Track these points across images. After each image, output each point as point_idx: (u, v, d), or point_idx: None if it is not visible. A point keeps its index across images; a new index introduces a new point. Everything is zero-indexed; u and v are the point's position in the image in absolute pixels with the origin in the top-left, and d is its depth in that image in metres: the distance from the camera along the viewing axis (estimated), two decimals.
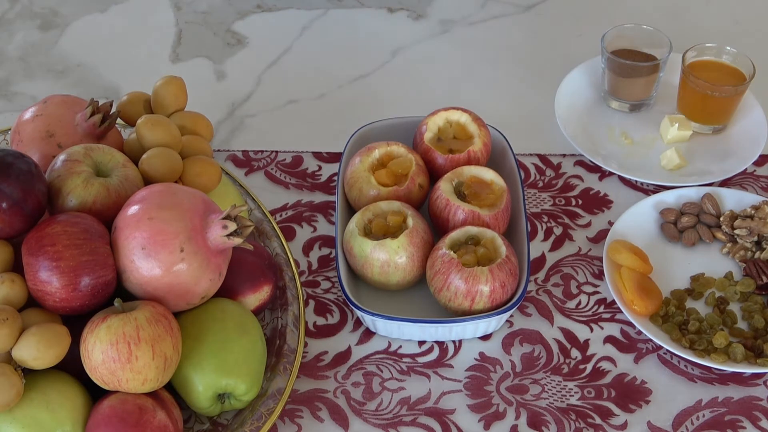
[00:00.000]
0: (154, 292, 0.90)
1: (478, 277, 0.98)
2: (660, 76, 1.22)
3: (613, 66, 1.22)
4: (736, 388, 0.99)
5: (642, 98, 1.24)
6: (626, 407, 0.98)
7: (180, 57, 1.34)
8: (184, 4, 1.42)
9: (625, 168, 1.17)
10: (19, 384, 0.85)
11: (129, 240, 0.89)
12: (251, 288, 0.98)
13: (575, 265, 1.10)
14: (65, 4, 1.42)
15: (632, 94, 1.24)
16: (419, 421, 0.97)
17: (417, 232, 1.02)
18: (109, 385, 0.87)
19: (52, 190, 0.93)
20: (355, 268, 1.04)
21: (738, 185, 1.18)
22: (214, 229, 0.90)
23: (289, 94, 1.29)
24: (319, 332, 1.04)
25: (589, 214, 1.15)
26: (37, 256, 0.87)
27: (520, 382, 1.00)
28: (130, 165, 0.97)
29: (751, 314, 1.04)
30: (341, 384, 1.00)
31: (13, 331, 0.85)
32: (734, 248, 1.09)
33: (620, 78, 1.22)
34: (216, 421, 0.96)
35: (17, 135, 1.02)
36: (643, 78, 1.22)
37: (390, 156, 1.09)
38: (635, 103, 1.25)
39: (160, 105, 1.06)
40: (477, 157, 1.09)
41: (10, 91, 1.30)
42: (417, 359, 1.02)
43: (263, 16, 1.41)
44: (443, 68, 1.33)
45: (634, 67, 1.21)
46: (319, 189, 1.17)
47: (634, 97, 1.24)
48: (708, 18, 1.40)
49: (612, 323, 1.05)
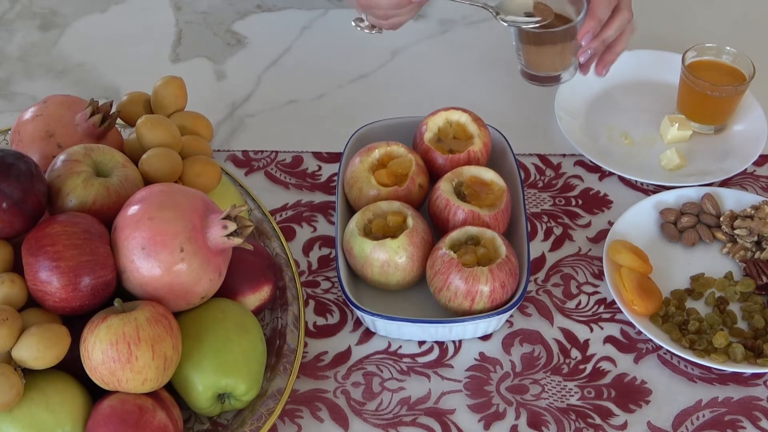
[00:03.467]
0: (154, 292, 0.90)
1: (478, 277, 0.98)
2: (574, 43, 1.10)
3: (522, 36, 1.10)
4: (736, 388, 0.99)
5: (559, 70, 1.14)
6: (626, 407, 0.98)
7: (180, 57, 1.34)
8: (184, 4, 1.42)
9: (625, 168, 1.17)
10: (19, 384, 0.85)
11: (129, 240, 0.89)
12: (251, 288, 0.98)
13: (575, 265, 1.10)
14: (65, 4, 1.42)
15: (548, 66, 1.13)
16: (419, 421, 0.97)
17: (417, 232, 1.02)
18: (109, 385, 0.87)
19: (52, 190, 0.93)
20: (355, 268, 1.04)
21: (738, 185, 1.18)
22: (214, 229, 0.90)
23: (289, 94, 1.29)
24: (319, 332, 1.04)
25: (589, 214, 1.15)
26: (37, 256, 0.87)
27: (520, 382, 1.00)
28: (130, 165, 0.97)
29: (751, 314, 1.04)
30: (341, 384, 1.00)
31: (13, 331, 0.85)
32: (734, 248, 1.09)
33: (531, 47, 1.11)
34: (216, 421, 0.96)
35: (17, 135, 1.02)
36: (558, 45, 1.11)
37: (390, 156, 1.09)
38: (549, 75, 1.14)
39: (160, 105, 1.06)
40: (477, 157, 1.09)
41: (10, 91, 1.30)
42: (417, 359, 1.02)
43: (263, 16, 1.41)
44: (443, 68, 1.33)
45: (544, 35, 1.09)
46: (319, 189, 1.17)
47: (551, 68, 1.13)
48: (708, 18, 1.40)
49: (612, 323, 1.05)
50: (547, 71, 1.14)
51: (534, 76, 1.15)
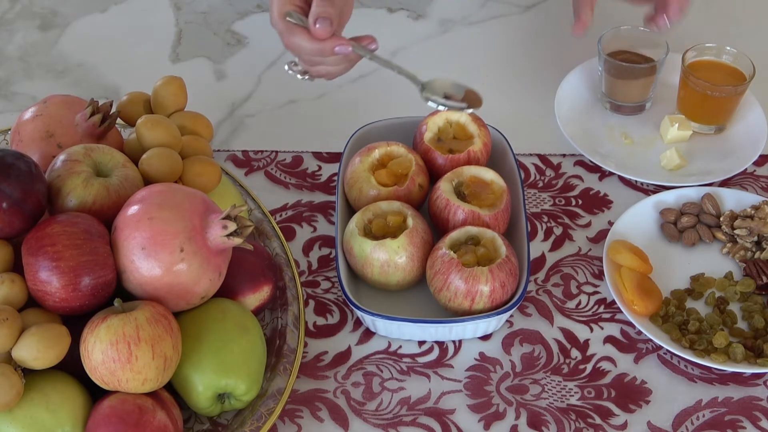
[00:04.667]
0: (154, 292, 0.90)
1: (478, 277, 0.98)
2: (657, 77, 1.22)
3: (609, 68, 1.22)
4: (736, 388, 0.99)
5: (639, 100, 1.24)
6: (626, 407, 0.98)
7: (180, 57, 1.34)
8: (184, 4, 1.42)
9: (625, 168, 1.17)
10: (19, 384, 0.85)
11: (129, 240, 0.89)
12: (251, 288, 0.98)
13: (575, 265, 1.10)
14: (65, 4, 1.42)
15: (629, 97, 1.24)
16: (419, 421, 0.97)
17: (417, 232, 1.02)
18: (109, 385, 0.87)
19: (52, 190, 0.93)
20: (355, 268, 1.04)
21: (738, 185, 1.18)
22: (214, 229, 0.90)
23: (289, 94, 1.29)
24: (319, 332, 1.04)
25: (589, 214, 1.15)
26: (37, 256, 0.87)
27: (520, 382, 1.00)
28: (130, 165, 0.97)
29: (751, 314, 1.04)
30: (341, 384, 1.00)
31: (13, 331, 0.85)
32: (734, 248, 1.09)
33: (617, 80, 1.22)
34: (216, 421, 0.96)
35: (17, 135, 1.02)
36: (640, 80, 1.22)
37: (390, 156, 1.09)
38: (632, 105, 1.24)
39: (160, 105, 1.06)
40: (477, 157, 1.09)
41: (10, 91, 1.30)
42: (417, 359, 1.02)
43: (263, 16, 1.41)
44: (443, 68, 1.33)
45: (630, 69, 1.21)
46: (319, 189, 1.17)
47: (631, 99, 1.24)
48: (708, 18, 1.40)
49: (612, 323, 1.05)
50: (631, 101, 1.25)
51: (618, 106, 1.25)
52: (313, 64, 1.07)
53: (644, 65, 1.21)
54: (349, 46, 1.04)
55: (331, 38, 1.03)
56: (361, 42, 1.06)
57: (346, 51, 1.04)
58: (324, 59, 1.06)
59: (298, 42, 1.04)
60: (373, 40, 1.07)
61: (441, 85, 1.05)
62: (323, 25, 1.02)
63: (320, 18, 1.02)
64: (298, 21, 1.04)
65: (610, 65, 1.21)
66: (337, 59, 1.06)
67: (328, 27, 1.02)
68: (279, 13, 1.05)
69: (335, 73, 1.09)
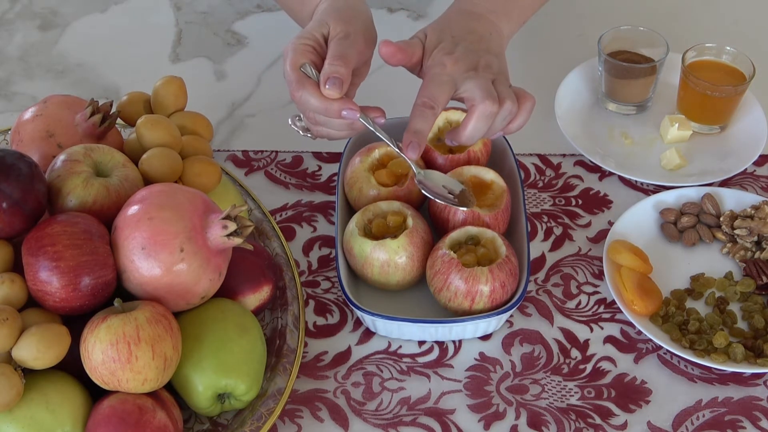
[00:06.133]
0: (154, 292, 0.90)
1: (478, 277, 0.98)
2: (657, 77, 1.22)
3: (609, 68, 1.22)
4: (736, 388, 0.99)
5: (640, 100, 1.24)
6: (626, 407, 0.98)
7: (180, 57, 1.34)
8: (184, 4, 1.42)
9: (625, 168, 1.17)
10: (19, 384, 0.85)
11: (129, 240, 0.89)
12: (251, 288, 0.98)
13: (575, 265, 1.10)
14: (65, 4, 1.42)
15: (630, 96, 1.24)
16: (419, 421, 0.97)
17: (417, 232, 1.02)
18: (109, 385, 0.87)
19: (52, 190, 0.93)
20: (355, 268, 1.04)
21: (738, 185, 1.18)
22: (214, 229, 0.90)
23: (289, 94, 1.29)
24: (319, 332, 1.04)
25: (589, 214, 1.15)
26: (37, 256, 0.87)
27: (520, 382, 1.00)
28: (130, 165, 0.97)
29: (751, 314, 1.04)
30: (341, 384, 1.00)
31: (13, 331, 0.85)
32: (734, 248, 1.09)
33: (617, 80, 1.22)
34: (216, 421, 0.96)
35: (17, 135, 1.02)
36: (641, 80, 1.22)
37: (390, 156, 1.09)
38: (633, 105, 1.24)
39: (160, 105, 1.06)
40: (477, 157, 1.09)
41: (10, 91, 1.30)
42: (417, 359, 1.02)
43: (263, 16, 1.41)
44: None
45: (630, 68, 1.21)
46: (319, 189, 1.17)
47: (632, 99, 1.24)
48: (708, 18, 1.40)
49: (612, 323, 1.05)
50: (630, 101, 1.25)
51: (618, 106, 1.25)
52: (317, 123, 1.01)
53: (644, 65, 1.21)
54: (357, 112, 0.98)
55: (340, 100, 0.97)
56: (369, 113, 1.01)
57: (353, 117, 0.98)
58: (329, 121, 1.00)
59: (306, 97, 0.98)
60: (382, 114, 1.01)
61: (440, 177, 1.05)
62: (333, 85, 0.96)
63: (331, 78, 0.96)
64: (311, 75, 0.98)
65: (610, 65, 1.21)
66: (341, 124, 1.00)
67: (338, 88, 0.96)
68: (293, 63, 0.98)
69: (337, 137, 1.04)
